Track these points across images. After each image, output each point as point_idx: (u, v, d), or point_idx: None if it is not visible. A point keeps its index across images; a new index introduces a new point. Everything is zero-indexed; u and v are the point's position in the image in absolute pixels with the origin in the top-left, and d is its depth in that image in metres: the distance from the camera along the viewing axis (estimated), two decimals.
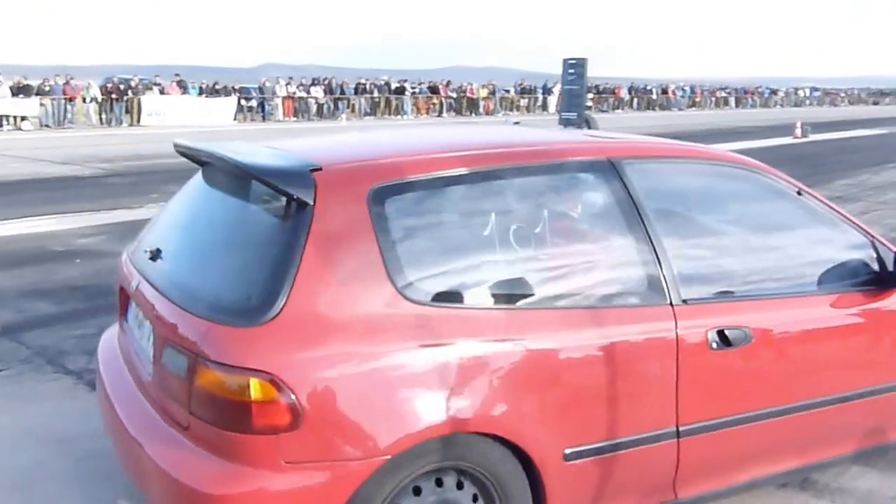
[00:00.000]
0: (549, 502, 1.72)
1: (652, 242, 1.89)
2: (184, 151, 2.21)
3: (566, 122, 12.12)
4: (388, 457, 1.54)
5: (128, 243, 2.53)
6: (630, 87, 36.98)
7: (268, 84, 24.15)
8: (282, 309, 1.54)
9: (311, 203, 1.64)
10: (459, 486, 1.67)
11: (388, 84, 27.32)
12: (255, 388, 1.49)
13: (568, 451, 1.72)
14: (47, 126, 18.53)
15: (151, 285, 1.88)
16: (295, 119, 23.56)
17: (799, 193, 2.21)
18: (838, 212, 2.27)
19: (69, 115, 19.57)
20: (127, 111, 20.25)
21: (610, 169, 1.96)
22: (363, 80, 26.99)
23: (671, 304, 1.85)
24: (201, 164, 2.19)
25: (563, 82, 12.44)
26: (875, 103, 54.01)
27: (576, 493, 1.77)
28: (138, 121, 20.12)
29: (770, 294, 2.05)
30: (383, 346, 1.58)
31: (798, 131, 17.69)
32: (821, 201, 2.25)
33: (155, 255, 1.96)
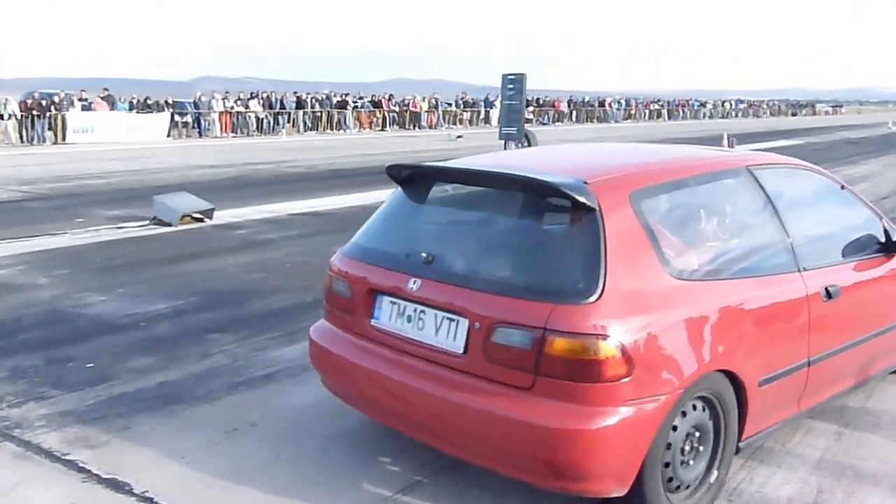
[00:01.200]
0: (748, 416, 2.37)
1: (783, 225, 2.62)
2: (428, 172, 2.73)
3: (507, 137, 12.31)
4: (682, 390, 2.13)
5: (54, 272, 2.38)
6: (569, 100, 37.91)
7: (203, 98, 23.47)
8: (603, 289, 2.06)
9: (597, 208, 2.16)
10: (696, 408, 2.27)
11: (329, 98, 27.08)
12: (603, 349, 2.02)
13: (761, 378, 2.38)
14: None
15: (450, 284, 2.28)
16: (233, 135, 23.01)
17: (842, 188, 3.10)
18: (863, 200, 3.16)
19: None
20: (50, 128, 19.22)
21: (749, 174, 2.69)
22: (303, 94, 26.65)
23: (799, 270, 2.58)
24: (401, 182, 2.69)
25: (503, 97, 12.59)
26: (794, 114, 57.48)
27: (760, 410, 2.42)
28: (63, 138, 19.18)
29: (840, 261, 2.81)
30: (666, 312, 2.16)
31: (725, 143, 18.68)
32: (852, 193, 3.14)
33: (430, 260, 2.36)
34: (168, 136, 21.37)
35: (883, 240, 3.01)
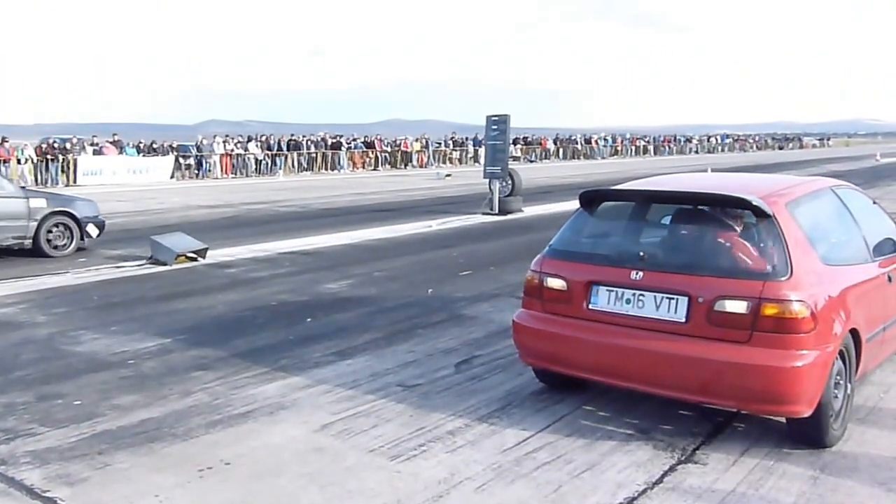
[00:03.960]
0: (860, 361, 3.30)
1: (860, 227, 3.63)
2: (630, 194, 3.72)
3: (491, 176, 12.41)
4: (840, 341, 3.07)
5: (53, 311, 2.47)
6: (555, 137, 37.90)
7: (205, 142, 24.05)
8: (792, 271, 3.00)
9: (773, 215, 3.12)
10: (836, 359, 3.11)
11: (324, 140, 27.67)
12: (801, 311, 2.94)
13: (867, 336, 3.33)
14: None
15: (670, 273, 3.15)
16: (233, 176, 23.46)
17: (874, 202, 4.12)
18: (886, 212, 4.14)
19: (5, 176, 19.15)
20: (63, 171, 19.92)
21: (833, 192, 3.78)
22: (296, 137, 27.14)
23: (873, 260, 3.56)
24: (586, 202, 3.65)
25: (487, 138, 12.74)
26: (780, 148, 56.81)
27: (865, 360, 3.36)
28: (74, 181, 19.76)
29: (887, 255, 3.67)
30: (825, 287, 3.09)
31: None
32: (880, 206, 4.14)
33: (645, 257, 3.25)
34: (172, 177, 21.79)
35: None
